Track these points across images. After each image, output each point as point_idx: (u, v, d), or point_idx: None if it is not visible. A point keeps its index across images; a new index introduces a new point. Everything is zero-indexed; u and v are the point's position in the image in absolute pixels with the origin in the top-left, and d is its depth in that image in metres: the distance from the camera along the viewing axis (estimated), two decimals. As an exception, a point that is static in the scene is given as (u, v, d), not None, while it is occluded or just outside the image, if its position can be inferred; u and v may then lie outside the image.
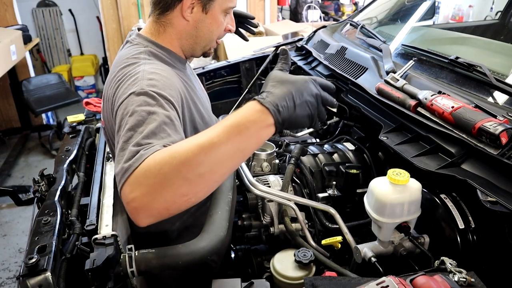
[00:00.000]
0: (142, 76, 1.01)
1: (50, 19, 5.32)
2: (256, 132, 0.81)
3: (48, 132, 4.37)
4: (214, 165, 0.78)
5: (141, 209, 0.77)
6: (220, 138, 0.78)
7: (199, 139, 0.78)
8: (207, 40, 1.20)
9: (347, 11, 5.21)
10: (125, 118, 0.92)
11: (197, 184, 0.78)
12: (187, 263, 0.90)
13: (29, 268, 0.87)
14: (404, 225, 1.04)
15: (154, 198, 0.76)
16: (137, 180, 0.77)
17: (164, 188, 0.76)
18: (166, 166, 0.76)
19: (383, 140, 1.19)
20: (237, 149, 0.80)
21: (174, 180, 0.76)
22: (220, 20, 1.17)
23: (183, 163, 0.76)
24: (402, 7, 2.15)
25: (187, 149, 0.77)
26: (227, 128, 0.79)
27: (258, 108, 0.81)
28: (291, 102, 0.83)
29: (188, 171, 0.76)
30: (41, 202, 1.17)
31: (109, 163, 1.30)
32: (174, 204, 0.78)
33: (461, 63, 1.24)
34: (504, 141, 0.93)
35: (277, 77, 0.87)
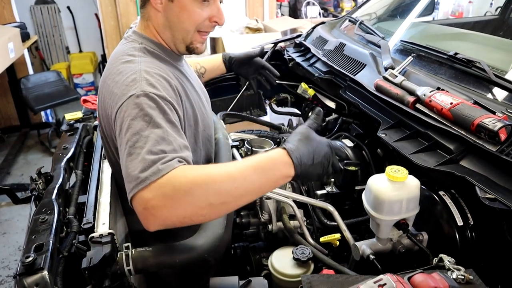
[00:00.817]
0: (140, 76, 1.00)
1: (48, 16, 5.30)
2: (277, 179, 0.93)
3: (47, 130, 4.37)
4: (238, 197, 0.89)
5: (158, 217, 0.83)
6: (250, 176, 0.89)
7: (233, 170, 0.89)
8: (181, 31, 1.13)
9: (347, 7, 5.18)
10: (126, 122, 0.93)
11: (218, 209, 0.88)
12: (185, 261, 0.90)
13: (26, 266, 0.86)
14: (403, 222, 1.04)
15: (175, 212, 0.84)
16: (163, 191, 0.83)
17: (189, 206, 0.84)
18: (198, 188, 0.84)
19: (382, 136, 1.18)
20: (259, 188, 0.92)
21: (200, 202, 0.84)
22: (191, 8, 1.09)
23: (214, 190, 0.85)
24: (401, 3, 2.14)
25: (222, 178, 0.86)
26: (258, 169, 0.90)
27: (286, 160, 0.92)
28: (311, 160, 0.94)
29: (215, 198, 0.85)
30: (38, 201, 1.17)
31: (106, 161, 1.30)
32: (189, 220, 0.87)
33: (460, 59, 1.23)
34: (503, 137, 0.93)
35: (305, 133, 0.98)
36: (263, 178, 0.91)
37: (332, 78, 1.60)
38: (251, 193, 0.91)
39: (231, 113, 1.85)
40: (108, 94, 1.03)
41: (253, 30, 3.99)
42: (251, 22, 4.16)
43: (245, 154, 1.47)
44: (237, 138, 1.57)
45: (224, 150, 1.30)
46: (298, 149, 0.94)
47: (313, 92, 1.79)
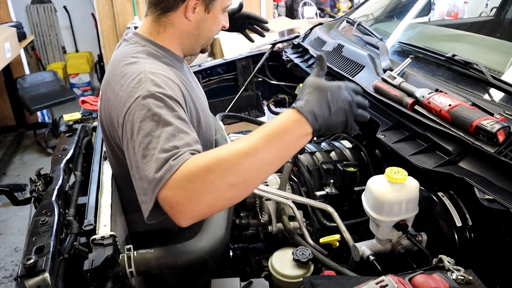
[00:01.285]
0: (145, 77, 1.00)
1: (44, 16, 5.28)
2: (295, 140, 0.86)
3: (43, 130, 4.35)
4: (257, 172, 0.84)
5: (185, 212, 0.82)
6: (263, 146, 0.83)
7: (242, 146, 0.83)
8: (207, 38, 1.21)
9: (343, 8, 5.20)
10: (136, 124, 0.92)
11: (240, 189, 0.84)
12: (186, 262, 0.90)
13: (27, 269, 0.86)
14: (402, 223, 1.05)
15: (199, 203, 0.81)
16: (180, 186, 0.81)
17: (210, 193, 0.81)
18: (211, 173, 0.80)
19: (381, 138, 1.19)
20: (277, 156, 0.86)
21: (220, 186, 0.81)
22: (219, 18, 1.18)
23: (229, 170, 0.81)
24: (398, 4, 2.15)
25: (232, 156, 0.82)
26: (268, 137, 0.84)
27: (297, 117, 0.85)
28: (327, 110, 0.87)
29: (233, 178, 0.82)
30: (38, 202, 1.16)
31: (106, 163, 1.30)
32: (217, 207, 0.86)
33: (457, 60, 1.24)
34: (501, 139, 0.94)
35: (313, 84, 0.90)
36: (277, 145, 0.85)
37: (330, 79, 1.60)
38: (269, 164, 0.86)
39: (229, 114, 1.86)
40: (114, 97, 1.03)
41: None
42: (248, 22, 4.16)
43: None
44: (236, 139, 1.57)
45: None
46: (309, 102, 0.86)
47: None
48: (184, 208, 0.81)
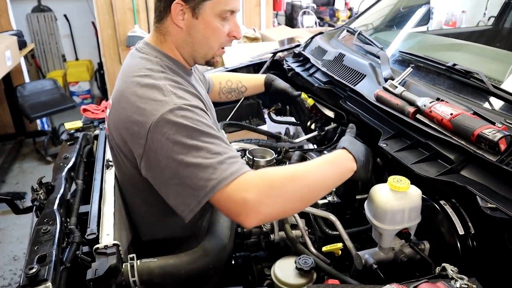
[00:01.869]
0: (167, 90, 1.01)
1: (45, 24, 5.30)
2: (346, 172, 1.07)
3: (42, 138, 4.34)
4: (320, 190, 1.03)
5: (261, 213, 0.92)
6: (327, 170, 1.04)
7: (313, 167, 1.02)
8: (204, 47, 1.15)
9: (342, 17, 5.24)
10: (169, 136, 0.95)
11: (305, 202, 1.02)
12: (190, 272, 0.90)
13: (29, 278, 0.86)
14: (405, 232, 1.05)
15: (274, 207, 0.94)
16: (261, 190, 0.92)
17: (283, 202, 0.95)
18: (291, 183, 0.96)
19: (383, 147, 1.19)
20: (333, 181, 1.06)
21: (293, 197, 0.97)
22: (214, 25, 1.11)
23: (304, 184, 0.98)
24: (398, 14, 2.17)
25: (306, 173, 1.00)
26: (331, 164, 1.06)
27: (348, 155, 1.09)
28: (363, 157, 1.11)
29: (304, 192, 0.98)
30: (40, 211, 1.16)
31: (108, 171, 1.29)
32: (283, 214, 1.04)
33: (458, 70, 1.25)
34: (503, 147, 0.94)
35: (350, 139, 1.17)
36: (336, 173, 1.05)
37: (332, 88, 1.62)
38: (328, 186, 1.06)
39: (231, 123, 1.86)
40: (131, 108, 1.02)
41: (251, 39, 4.02)
42: (248, 31, 4.19)
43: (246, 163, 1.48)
44: (239, 148, 1.58)
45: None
46: (353, 148, 1.10)
47: (312, 102, 1.81)
48: (261, 210, 0.91)
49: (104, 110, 1.79)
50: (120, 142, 1.10)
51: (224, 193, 0.91)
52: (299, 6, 5.10)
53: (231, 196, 0.91)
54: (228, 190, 0.91)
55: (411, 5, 2.18)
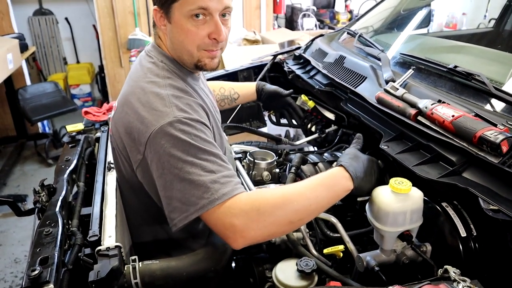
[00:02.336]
0: (169, 101, 1.02)
1: (46, 28, 5.31)
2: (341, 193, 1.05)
3: (44, 141, 4.34)
4: (311, 213, 1.03)
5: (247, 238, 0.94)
6: (320, 193, 1.01)
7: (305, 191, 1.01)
8: (183, 51, 1.11)
9: (342, 19, 5.24)
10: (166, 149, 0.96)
11: (295, 225, 1.02)
12: (191, 274, 0.90)
13: (32, 280, 0.86)
14: (407, 234, 1.05)
15: (262, 232, 0.95)
16: (249, 216, 0.93)
17: (273, 227, 0.96)
18: (279, 210, 0.96)
19: (384, 149, 1.19)
20: (327, 203, 1.04)
21: (283, 221, 0.97)
22: (186, 27, 1.05)
23: (293, 210, 0.97)
24: (398, 16, 2.17)
25: (297, 198, 0.98)
26: (324, 186, 1.03)
27: (345, 174, 1.06)
28: (363, 173, 1.08)
29: (294, 217, 0.98)
30: (42, 213, 1.16)
31: (110, 173, 1.30)
32: (272, 237, 1.03)
33: (459, 71, 1.25)
34: (504, 149, 0.94)
35: (353, 153, 1.14)
36: (329, 194, 1.03)
37: (332, 90, 1.62)
38: (320, 208, 1.04)
39: (231, 125, 1.87)
40: (133, 114, 1.04)
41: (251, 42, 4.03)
42: (248, 34, 4.20)
43: (247, 166, 1.48)
44: (240, 150, 1.58)
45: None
46: (352, 165, 1.07)
47: (313, 104, 1.81)
48: (248, 235, 0.93)
49: (106, 113, 1.80)
50: (120, 144, 1.11)
51: (214, 214, 0.93)
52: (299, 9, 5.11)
53: (220, 219, 0.93)
54: (217, 212, 0.93)
55: (412, 8, 2.18)
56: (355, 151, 1.15)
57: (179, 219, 0.95)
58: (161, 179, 0.98)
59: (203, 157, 0.97)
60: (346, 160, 1.10)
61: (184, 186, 0.94)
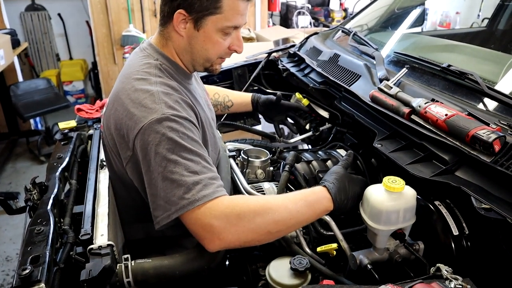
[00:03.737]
0: (159, 98, 1.02)
1: (38, 23, 5.26)
2: (321, 212, 1.07)
3: (36, 138, 4.31)
4: (290, 227, 1.02)
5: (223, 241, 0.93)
6: (302, 208, 1.02)
7: (287, 203, 1.01)
8: (203, 57, 1.15)
9: (337, 17, 5.25)
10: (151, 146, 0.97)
11: (273, 236, 1.01)
12: (184, 272, 0.90)
13: (23, 279, 0.85)
14: (400, 232, 1.05)
15: (238, 237, 0.95)
16: (229, 219, 0.94)
17: (250, 233, 0.96)
18: (260, 217, 0.96)
19: (378, 147, 1.19)
20: (306, 220, 1.05)
21: (261, 230, 0.97)
22: (215, 39, 1.11)
23: (274, 220, 0.98)
24: (393, 15, 2.17)
25: (278, 209, 0.99)
26: (307, 202, 1.04)
27: (327, 195, 1.07)
28: (345, 195, 1.08)
29: (273, 227, 0.98)
30: (33, 211, 1.15)
31: (102, 171, 1.29)
32: (248, 244, 1.00)
33: (453, 71, 1.26)
34: (497, 148, 0.95)
35: (339, 173, 1.13)
36: (310, 211, 1.04)
37: (327, 88, 1.62)
38: (299, 223, 1.05)
39: (225, 123, 1.86)
40: (123, 110, 1.04)
41: (246, 39, 4.01)
42: (243, 31, 4.18)
43: (241, 164, 1.48)
44: (233, 148, 1.57)
45: (223, 162, 1.31)
46: (335, 186, 1.08)
47: (307, 102, 1.81)
48: (224, 237, 0.93)
49: (99, 110, 1.78)
50: (111, 141, 1.12)
51: (193, 215, 0.93)
52: (294, 7, 5.10)
53: (199, 219, 0.93)
54: (197, 212, 0.93)
55: (406, 6, 2.19)
56: (339, 171, 1.15)
57: (162, 217, 0.96)
58: (147, 176, 0.99)
59: (188, 157, 0.97)
60: (330, 180, 1.10)
61: (167, 185, 0.94)
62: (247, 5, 1.10)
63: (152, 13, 4.35)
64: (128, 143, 1.03)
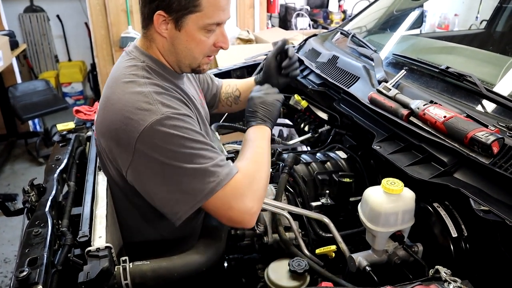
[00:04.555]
0: (153, 99, 1.00)
1: (37, 25, 5.25)
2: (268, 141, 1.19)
3: (34, 139, 4.30)
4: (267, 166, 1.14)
5: (254, 214, 1.03)
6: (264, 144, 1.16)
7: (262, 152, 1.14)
8: (188, 58, 1.12)
9: (336, 19, 5.25)
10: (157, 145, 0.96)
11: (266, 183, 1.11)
12: (183, 274, 0.89)
13: (20, 281, 0.85)
14: (398, 234, 1.05)
15: (259, 202, 1.07)
16: (250, 189, 1.03)
17: (262, 191, 1.08)
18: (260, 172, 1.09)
19: (376, 149, 1.19)
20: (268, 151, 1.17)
21: (265, 183, 1.10)
22: (198, 37, 1.08)
23: (266, 168, 1.12)
24: (391, 17, 2.18)
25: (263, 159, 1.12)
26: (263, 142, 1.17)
27: (263, 129, 1.20)
28: (268, 113, 1.23)
29: (267, 173, 1.12)
30: (31, 213, 1.15)
31: (101, 173, 1.28)
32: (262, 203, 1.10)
33: (451, 73, 1.26)
34: (495, 150, 0.95)
35: (256, 98, 1.26)
36: (267, 142, 1.18)
37: (325, 90, 1.62)
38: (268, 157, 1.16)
39: (224, 124, 1.86)
40: (116, 116, 1.01)
41: (245, 41, 4.02)
42: (242, 33, 4.19)
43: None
44: (232, 150, 1.57)
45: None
46: (258, 116, 1.22)
47: (306, 104, 1.80)
48: (255, 210, 1.03)
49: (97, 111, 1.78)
50: (106, 148, 1.08)
51: (221, 198, 0.97)
52: (293, 8, 5.11)
53: (228, 202, 0.99)
54: (224, 194, 0.98)
55: (405, 8, 2.19)
56: (257, 95, 1.27)
57: (184, 210, 0.98)
58: (158, 176, 0.97)
59: (199, 147, 1.00)
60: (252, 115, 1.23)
61: (187, 177, 0.96)
62: (228, 0, 1.08)
63: (151, 14, 4.34)
64: (126, 148, 0.99)
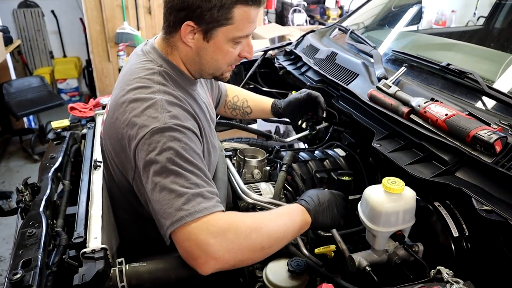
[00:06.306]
0: (162, 107, 0.99)
1: (31, 20, 5.20)
2: (303, 225, 1.05)
3: (29, 136, 4.26)
4: (280, 241, 0.99)
5: (219, 261, 0.87)
6: (287, 223, 1.00)
7: (275, 218, 1.00)
8: (214, 67, 1.13)
9: (333, 15, 5.22)
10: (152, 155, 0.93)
11: (264, 253, 0.97)
12: (180, 276, 0.88)
13: (14, 284, 0.83)
14: (399, 234, 1.04)
15: (235, 256, 0.90)
16: (226, 236, 0.88)
17: (246, 251, 0.91)
18: (255, 233, 0.92)
19: (376, 147, 1.18)
20: (292, 233, 1.02)
21: (255, 246, 0.93)
22: (226, 49, 1.08)
23: (267, 234, 0.95)
24: (389, 13, 2.16)
25: (270, 223, 0.97)
26: (288, 216, 1.03)
27: (307, 219, 1.05)
28: (328, 218, 1.08)
29: (266, 242, 0.94)
30: (25, 213, 1.12)
31: (96, 172, 1.26)
32: (242, 264, 0.95)
33: (452, 70, 1.24)
34: (498, 149, 0.93)
35: (318, 193, 1.12)
36: (293, 224, 1.02)
37: (324, 87, 1.60)
38: (286, 238, 1.01)
39: (222, 122, 1.83)
40: (124, 119, 1.00)
41: (241, 37, 3.99)
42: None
43: (237, 164, 1.46)
44: (230, 148, 1.55)
45: (219, 162, 1.28)
46: (308, 200, 1.09)
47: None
48: (220, 257, 0.87)
49: (92, 108, 1.75)
50: (113, 150, 1.08)
51: (189, 229, 0.87)
52: (289, 4, 5.08)
53: (195, 234, 0.86)
54: (194, 227, 0.87)
55: (403, 4, 2.18)
56: (320, 191, 1.16)
57: (163, 233, 0.91)
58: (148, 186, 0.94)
59: (189, 169, 0.93)
60: (308, 199, 1.10)
61: (164, 196, 0.90)
62: (258, 12, 1.06)
63: (146, 10, 4.30)
64: (129, 155, 0.99)
